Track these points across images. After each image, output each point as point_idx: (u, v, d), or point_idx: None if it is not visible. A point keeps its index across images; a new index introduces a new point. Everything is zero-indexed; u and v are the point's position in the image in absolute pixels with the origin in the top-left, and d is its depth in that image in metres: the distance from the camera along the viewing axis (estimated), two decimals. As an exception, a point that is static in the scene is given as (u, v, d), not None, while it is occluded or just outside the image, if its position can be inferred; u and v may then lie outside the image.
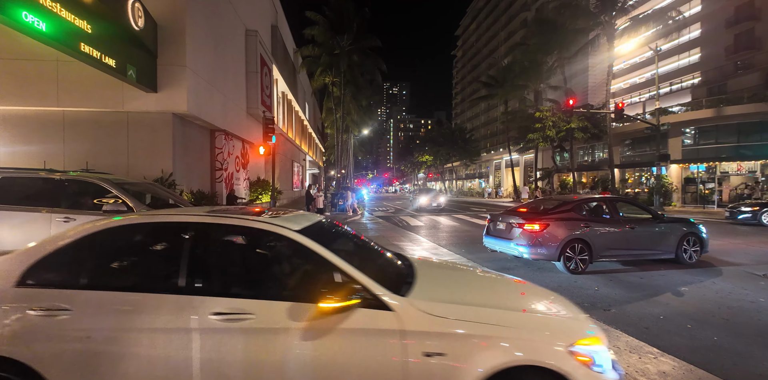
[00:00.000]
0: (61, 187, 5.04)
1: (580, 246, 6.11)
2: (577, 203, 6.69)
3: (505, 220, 6.70)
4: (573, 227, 6.13)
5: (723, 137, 24.62)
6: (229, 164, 12.28)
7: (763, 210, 13.13)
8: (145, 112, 8.82)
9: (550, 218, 6.26)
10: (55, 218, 4.77)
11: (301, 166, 30.85)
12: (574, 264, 6.10)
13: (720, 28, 29.92)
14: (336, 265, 2.07)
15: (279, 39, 21.64)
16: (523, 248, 6.19)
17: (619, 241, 6.37)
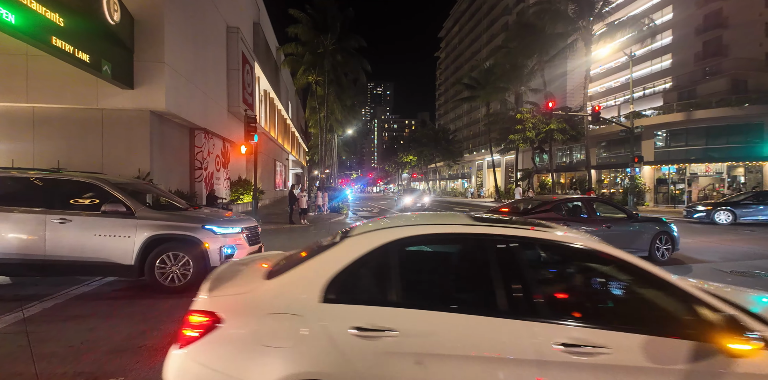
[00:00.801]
0: (55, 187, 4.83)
1: None
2: (556, 203, 6.84)
3: None
4: None
5: (692, 139, 25.76)
6: (209, 164, 12.00)
7: (716, 209, 14.00)
8: (120, 109, 8.52)
9: (532, 218, 6.36)
10: (51, 219, 4.57)
11: (284, 166, 30.46)
12: None
13: (690, 36, 31.32)
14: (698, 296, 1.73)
15: (261, 37, 21.31)
16: None
17: None
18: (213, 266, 4.77)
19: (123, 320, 3.87)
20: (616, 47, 24.66)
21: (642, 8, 34.20)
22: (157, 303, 4.40)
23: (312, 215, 16.78)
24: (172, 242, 4.75)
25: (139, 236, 4.63)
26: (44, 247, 4.52)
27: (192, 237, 4.77)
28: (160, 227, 4.72)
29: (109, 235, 4.59)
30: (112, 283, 5.34)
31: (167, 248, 4.71)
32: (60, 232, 4.54)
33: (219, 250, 4.88)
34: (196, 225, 4.87)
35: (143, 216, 4.72)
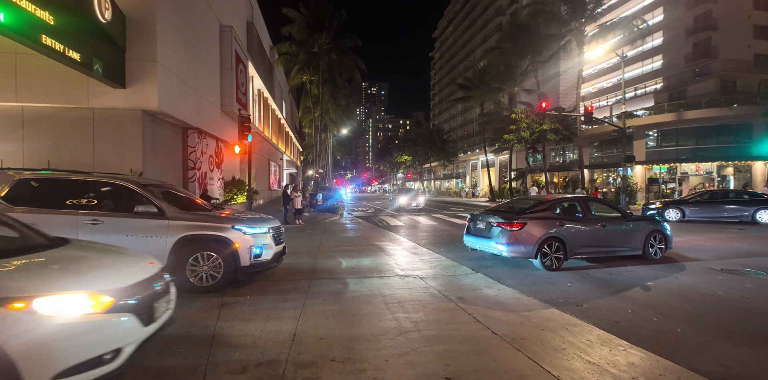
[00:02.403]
0: (85, 188, 4.86)
1: (555, 244, 6.33)
2: (553, 203, 6.94)
3: (484, 219, 6.85)
4: (549, 226, 6.35)
5: (683, 139, 26.13)
6: (202, 164, 11.91)
7: (666, 208, 14.64)
8: (112, 108, 8.42)
9: (527, 218, 6.44)
10: (83, 220, 4.59)
11: (279, 165, 30.32)
12: (550, 261, 6.31)
13: (680, 37, 31.75)
14: None
15: (255, 35, 21.19)
16: (503, 246, 6.34)
17: (591, 239, 6.65)
18: (243, 265, 4.87)
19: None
20: (609, 48, 24.90)
21: (633, 10, 34.61)
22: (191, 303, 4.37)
23: (307, 215, 16.73)
24: (203, 243, 4.80)
25: (171, 236, 4.67)
26: None
27: (223, 237, 4.82)
28: (192, 227, 4.77)
29: (141, 236, 4.64)
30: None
31: (199, 249, 4.76)
32: (93, 233, 4.53)
33: (249, 250, 4.93)
34: (226, 225, 4.91)
35: (174, 217, 4.75)
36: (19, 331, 1.99)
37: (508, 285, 5.36)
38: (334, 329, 3.64)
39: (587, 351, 3.17)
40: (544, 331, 3.60)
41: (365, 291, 4.95)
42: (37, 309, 2.07)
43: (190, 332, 3.56)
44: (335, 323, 3.80)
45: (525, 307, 4.33)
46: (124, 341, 2.33)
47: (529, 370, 2.83)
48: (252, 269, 5.02)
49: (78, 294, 2.23)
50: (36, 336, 2.01)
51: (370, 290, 5.02)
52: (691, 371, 2.84)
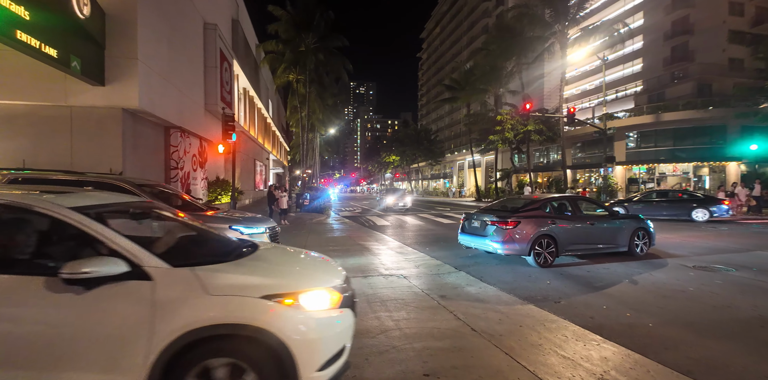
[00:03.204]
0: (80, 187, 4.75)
1: (547, 241, 6.55)
2: (544, 202, 7.19)
3: (479, 218, 7.05)
4: (541, 224, 6.56)
5: (661, 140, 26.95)
6: (185, 163, 11.72)
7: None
8: (91, 106, 8.21)
9: (521, 216, 6.66)
10: None
11: (265, 165, 30.01)
12: (543, 258, 6.51)
13: (659, 41, 32.71)
14: None
15: (240, 34, 20.94)
16: (498, 244, 6.53)
17: (581, 236, 6.92)
18: None
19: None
20: (591, 51, 25.50)
21: (615, 14, 35.49)
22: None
23: (293, 215, 16.63)
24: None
25: None
26: None
27: None
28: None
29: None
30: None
31: None
32: None
33: None
34: (223, 226, 4.87)
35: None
36: (293, 325, 2.13)
37: (490, 282, 5.47)
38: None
39: (563, 346, 3.27)
40: (522, 327, 3.69)
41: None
42: (303, 304, 2.22)
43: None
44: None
45: (504, 304, 4.43)
46: (350, 334, 2.46)
47: (505, 366, 2.91)
48: None
49: (322, 291, 2.37)
50: (305, 330, 2.15)
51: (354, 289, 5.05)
52: (660, 364, 2.96)
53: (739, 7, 30.37)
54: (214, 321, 2.00)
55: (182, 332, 1.95)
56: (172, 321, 1.96)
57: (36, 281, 1.98)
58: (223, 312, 2.04)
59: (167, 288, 2.04)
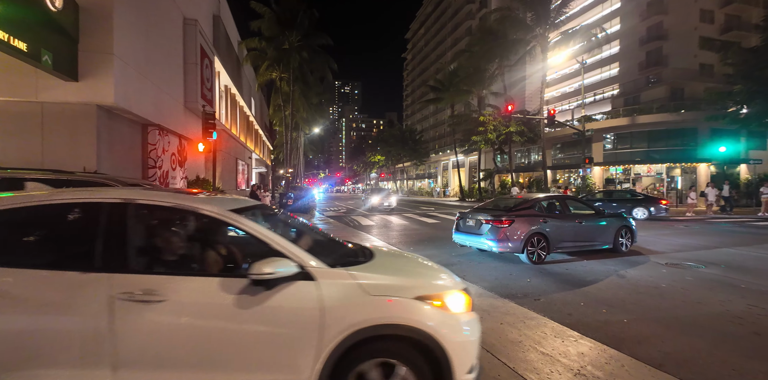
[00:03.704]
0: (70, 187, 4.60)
1: (539, 239, 6.79)
2: (536, 201, 7.46)
3: (474, 217, 7.25)
4: (534, 223, 6.80)
5: (636, 142, 27.90)
6: (163, 162, 11.41)
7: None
8: (64, 103, 7.89)
9: (515, 215, 6.87)
10: None
11: (247, 164, 29.50)
12: (535, 256, 6.73)
13: (635, 46, 33.82)
14: None
15: (222, 30, 20.52)
16: (492, 242, 6.71)
17: (571, 234, 7.22)
18: None
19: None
20: (570, 55, 26.17)
21: (593, 19, 36.52)
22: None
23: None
24: None
25: None
26: None
27: None
28: None
29: None
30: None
31: None
32: None
33: None
34: None
35: None
36: (447, 327, 2.13)
37: (472, 281, 5.54)
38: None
39: (542, 342, 3.35)
40: (502, 325, 3.76)
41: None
42: (449, 306, 2.22)
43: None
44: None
45: (486, 302, 4.50)
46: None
47: (486, 363, 2.95)
48: None
49: (459, 293, 2.34)
50: (457, 332, 2.16)
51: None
52: (633, 358, 3.07)
53: (710, 14, 31.73)
54: (377, 321, 2.04)
55: (349, 332, 1.99)
56: (339, 322, 2.00)
57: (225, 283, 2.03)
58: (385, 313, 2.07)
59: (330, 288, 2.07)
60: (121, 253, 2.05)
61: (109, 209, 2.13)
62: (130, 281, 1.98)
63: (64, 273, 1.98)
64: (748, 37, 29.11)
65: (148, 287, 1.95)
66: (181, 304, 1.96)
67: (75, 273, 1.98)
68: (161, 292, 1.95)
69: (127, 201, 2.16)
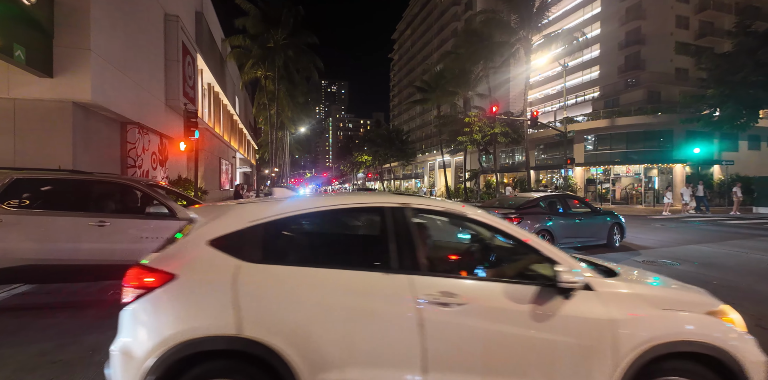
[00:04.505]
0: (87, 188, 4.68)
1: (545, 235, 7.17)
2: (540, 200, 7.94)
3: None
4: (540, 220, 7.27)
5: (616, 144, 28.69)
6: (143, 161, 11.15)
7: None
8: (37, 99, 7.62)
9: (523, 213, 7.26)
10: (89, 222, 4.38)
11: (231, 164, 29.07)
12: None
13: (614, 50, 34.80)
14: None
15: (205, 27, 20.16)
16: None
17: (572, 230, 7.70)
18: None
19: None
20: (553, 58, 26.72)
21: (575, 23, 37.40)
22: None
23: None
24: None
25: None
26: (87, 251, 4.36)
27: None
28: None
29: (152, 237, 4.53)
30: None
31: None
32: (99, 235, 4.38)
33: None
34: None
35: (185, 217, 4.57)
36: (743, 345, 1.98)
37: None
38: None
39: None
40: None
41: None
42: (738, 322, 2.10)
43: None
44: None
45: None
46: None
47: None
48: None
49: (732, 310, 2.19)
50: (752, 352, 1.98)
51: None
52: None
53: (685, 20, 32.90)
54: (674, 337, 1.93)
55: (645, 347, 1.88)
56: (633, 336, 1.90)
57: (519, 288, 1.97)
58: (680, 328, 1.96)
59: (612, 298, 1.98)
60: (413, 255, 2.03)
61: (392, 212, 2.13)
62: (430, 283, 1.94)
63: (371, 274, 1.97)
64: (721, 43, 30.30)
65: (446, 290, 1.92)
66: (480, 309, 1.91)
67: (379, 274, 1.97)
68: (460, 295, 1.91)
69: (405, 205, 2.16)
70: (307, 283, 1.90)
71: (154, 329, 1.80)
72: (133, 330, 1.85)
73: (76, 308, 4.30)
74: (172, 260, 1.94)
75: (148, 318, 1.84)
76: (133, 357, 1.77)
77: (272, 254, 2.02)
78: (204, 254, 1.95)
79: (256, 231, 2.01)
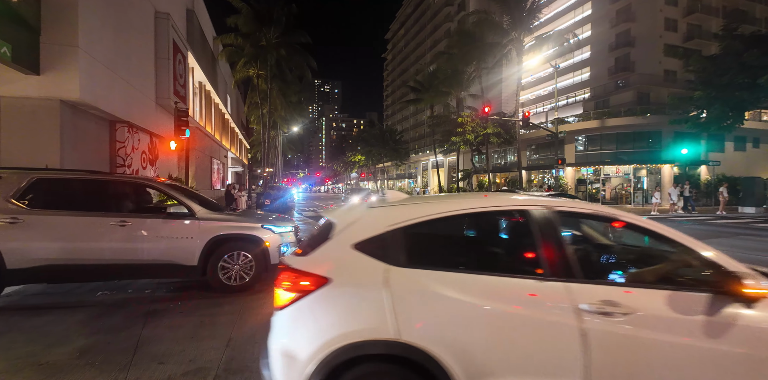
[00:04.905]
0: (107, 189, 4.79)
1: None
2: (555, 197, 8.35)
3: None
4: None
5: (606, 144, 29.08)
6: (133, 160, 11.02)
7: None
8: (24, 97, 7.49)
9: None
10: (110, 221, 4.46)
11: (223, 163, 28.84)
12: None
13: (604, 52, 35.23)
14: None
15: (196, 25, 19.98)
16: None
17: None
18: (273, 263, 4.86)
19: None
20: (544, 59, 27.00)
21: (566, 25, 37.80)
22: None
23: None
24: (235, 242, 4.80)
25: (203, 236, 4.66)
26: (108, 250, 4.44)
27: (254, 236, 4.86)
28: (223, 227, 4.78)
29: (172, 237, 4.61)
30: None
31: (231, 248, 4.75)
32: (122, 235, 4.46)
33: (278, 248, 4.99)
34: (256, 225, 4.94)
35: (204, 217, 4.74)
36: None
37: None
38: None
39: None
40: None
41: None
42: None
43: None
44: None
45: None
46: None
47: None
48: None
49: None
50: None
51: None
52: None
53: (674, 23, 33.43)
54: None
55: None
56: None
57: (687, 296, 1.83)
58: None
59: None
60: (566, 261, 1.92)
61: (539, 215, 2.03)
62: (589, 291, 1.83)
63: (524, 280, 1.88)
64: (708, 46, 30.85)
65: (608, 298, 1.80)
66: (648, 319, 1.79)
67: (533, 281, 1.88)
68: (623, 304, 1.79)
69: (551, 208, 2.07)
70: (458, 288, 1.84)
71: (316, 332, 1.81)
72: (292, 332, 1.87)
73: (64, 309, 4.24)
74: (323, 264, 1.95)
75: (308, 320, 1.85)
76: (296, 359, 1.78)
77: (417, 258, 1.98)
78: (352, 258, 1.94)
79: (398, 235, 1.98)
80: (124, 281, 5.26)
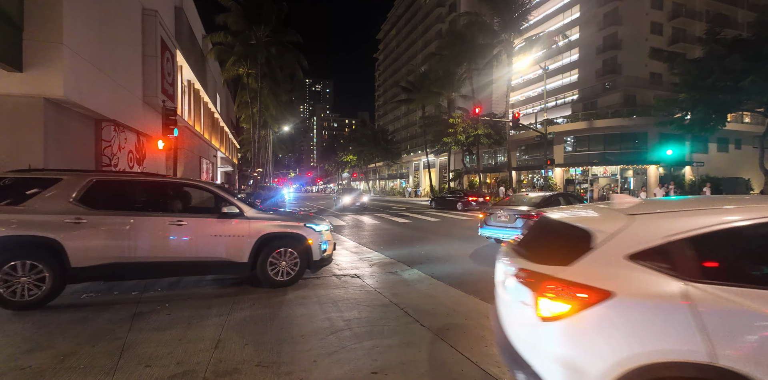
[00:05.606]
0: (162, 190, 5.05)
1: None
2: (555, 196, 8.94)
3: (506, 212, 8.26)
4: None
5: (593, 145, 29.53)
6: (119, 160, 10.78)
7: (434, 200, 22.77)
8: (5, 95, 7.26)
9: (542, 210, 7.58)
10: (168, 221, 4.70)
11: (212, 163, 28.44)
12: None
13: (592, 54, 35.79)
14: None
15: (185, 22, 19.67)
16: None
17: None
18: (315, 260, 5.23)
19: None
20: (534, 61, 27.30)
21: (554, 27, 38.26)
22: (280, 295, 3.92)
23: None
24: (282, 240, 5.11)
25: (253, 234, 4.94)
26: (165, 249, 4.66)
27: (299, 234, 5.18)
28: (270, 226, 5.09)
29: (224, 235, 4.87)
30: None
31: (278, 245, 5.05)
32: (179, 234, 4.70)
33: (319, 245, 5.28)
34: (300, 223, 5.28)
35: (253, 216, 5.03)
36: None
37: (439, 278, 5.66)
38: (263, 333, 3.56)
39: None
40: (467, 320, 3.87)
41: (299, 293, 4.90)
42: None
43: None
44: (263, 327, 3.72)
45: (452, 299, 4.62)
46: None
47: (450, 358, 3.04)
48: (320, 263, 5.39)
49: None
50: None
51: (305, 291, 4.98)
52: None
53: (659, 26, 34.11)
54: None
55: None
56: None
57: None
58: None
59: None
60: None
61: None
62: None
63: None
64: (692, 49, 31.55)
65: None
66: None
67: None
68: None
69: None
70: None
71: (605, 349, 1.70)
72: (575, 345, 1.76)
73: (47, 312, 4.12)
74: (598, 275, 1.81)
75: (594, 335, 1.74)
76: (585, 373, 1.70)
77: (719, 273, 1.76)
78: (631, 271, 1.79)
79: (687, 246, 1.78)
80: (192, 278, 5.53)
